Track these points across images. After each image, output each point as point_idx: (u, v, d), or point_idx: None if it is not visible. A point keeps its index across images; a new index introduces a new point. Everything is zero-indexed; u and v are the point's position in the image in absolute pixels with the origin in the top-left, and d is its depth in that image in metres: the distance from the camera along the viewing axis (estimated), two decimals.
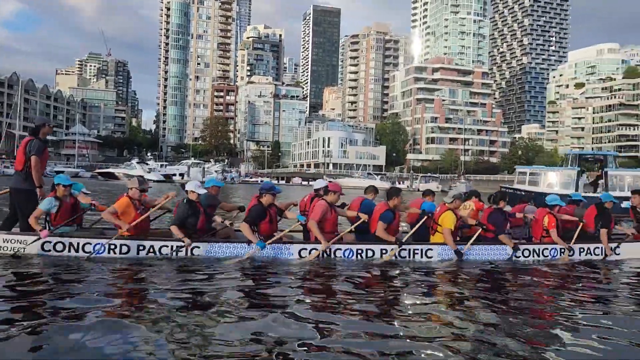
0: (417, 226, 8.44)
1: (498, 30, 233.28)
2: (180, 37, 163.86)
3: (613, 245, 9.26)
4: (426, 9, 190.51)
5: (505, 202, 9.06)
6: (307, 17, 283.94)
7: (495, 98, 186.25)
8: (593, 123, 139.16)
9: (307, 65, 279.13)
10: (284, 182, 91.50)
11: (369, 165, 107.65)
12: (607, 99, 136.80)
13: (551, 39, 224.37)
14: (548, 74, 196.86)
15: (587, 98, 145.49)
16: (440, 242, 8.35)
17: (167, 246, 7.61)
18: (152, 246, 7.55)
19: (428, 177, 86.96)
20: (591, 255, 9.11)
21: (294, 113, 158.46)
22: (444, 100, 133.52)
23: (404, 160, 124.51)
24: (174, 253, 7.59)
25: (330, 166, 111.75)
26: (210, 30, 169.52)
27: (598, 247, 9.16)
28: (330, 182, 8.76)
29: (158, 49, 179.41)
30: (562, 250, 8.86)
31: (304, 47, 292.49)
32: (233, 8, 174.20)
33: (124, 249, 7.50)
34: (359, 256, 8.03)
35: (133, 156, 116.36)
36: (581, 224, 9.14)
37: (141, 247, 7.54)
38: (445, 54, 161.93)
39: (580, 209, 9.81)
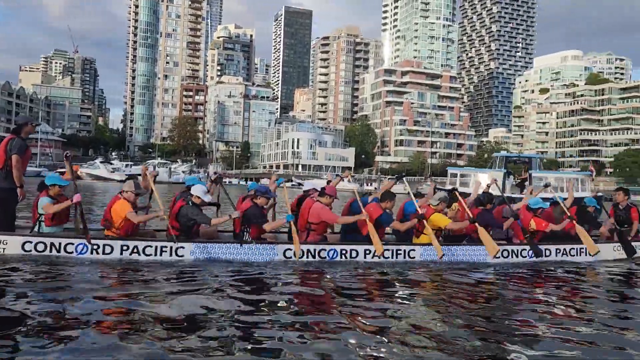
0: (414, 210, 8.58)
1: (467, 36, 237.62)
2: (149, 35, 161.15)
3: None
4: (396, 13, 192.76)
5: (491, 204, 9.23)
6: (279, 18, 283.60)
7: (463, 102, 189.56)
8: (557, 128, 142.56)
9: (278, 66, 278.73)
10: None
11: (337, 167, 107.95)
12: (570, 104, 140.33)
13: (518, 45, 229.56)
14: (514, 79, 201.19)
15: (551, 103, 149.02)
16: (425, 242, 8.46)
17: (151, 246, 7.52)
18: (135, 246, 7.44)
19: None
20: (567, 255, 9.34)
21: (263, 114, 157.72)
22: (412, 103, 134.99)
23: (372, 162, 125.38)
24: (158, 253, 7.52)
25: (300, 167, 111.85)
26: (180, 29, 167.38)
27: (574, 248, 9.39)
28: (327, 185, 8.83)
29: (126, 47, 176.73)
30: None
31: (275, 48, 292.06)
32: (203, 7, 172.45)
33: (107, 249, 7.38)
34: (343, 256, 8.09)
35: (98, 155, 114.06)
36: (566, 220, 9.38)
37: (125, 248, 7.42)
38: (414, 57, 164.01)
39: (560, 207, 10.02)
